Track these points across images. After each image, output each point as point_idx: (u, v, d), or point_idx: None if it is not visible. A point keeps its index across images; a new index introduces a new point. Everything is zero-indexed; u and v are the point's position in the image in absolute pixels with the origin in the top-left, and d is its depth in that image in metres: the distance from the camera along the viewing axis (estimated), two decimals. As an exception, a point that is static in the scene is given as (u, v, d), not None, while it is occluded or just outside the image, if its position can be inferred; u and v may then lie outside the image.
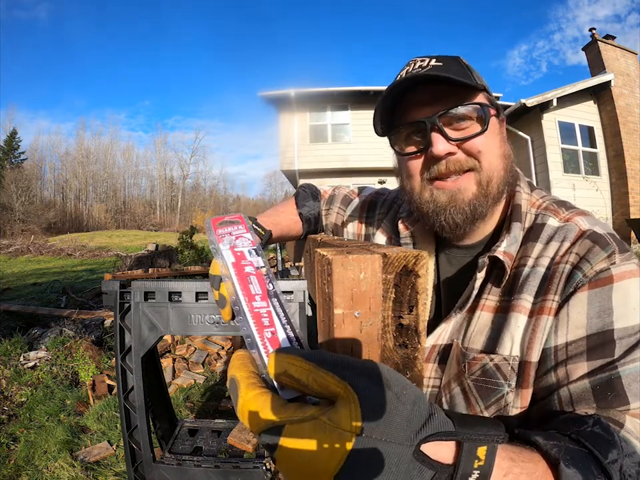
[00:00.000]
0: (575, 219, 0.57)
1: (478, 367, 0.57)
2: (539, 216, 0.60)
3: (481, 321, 0.58)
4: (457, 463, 0.28)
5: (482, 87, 0.57)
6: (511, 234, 0.57)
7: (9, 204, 32.18)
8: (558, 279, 0.53)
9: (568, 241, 0.55)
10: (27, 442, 2.25)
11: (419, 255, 0.32)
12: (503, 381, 0.55)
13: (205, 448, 1.11)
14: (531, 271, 0.56)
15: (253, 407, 0.27)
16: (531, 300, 0.55)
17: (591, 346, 0.50)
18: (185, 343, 3.59)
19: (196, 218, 43.51)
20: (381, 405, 0.26)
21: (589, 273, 0.52)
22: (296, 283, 0.84)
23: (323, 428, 0.25)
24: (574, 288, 0.52)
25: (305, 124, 12.12)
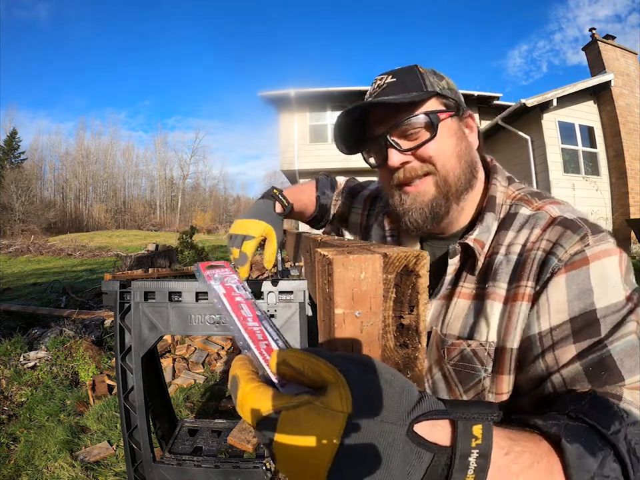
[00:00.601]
0: (546, 207, 0.60)
1: (456, 353, 0.59)
2: (512, 206, 0.63)
3: (458, 308, 0.61)
4: (453, 443, 0.28)
5: (432, 93, 0.62)
6: (484, 223, 0.61)
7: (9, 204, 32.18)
8: (530, 265, 0.55)
9: (538, 227, 0.57)
10: (27, 442, 2.25)
11: (420, 255, 0.32)
12: (479, 366, 0.57)
13: (205, 448, 1.11)
14: (504, 258, 0.58)
15: (252, 398, 0.28)
16: (505, 287, 0.57)
17: (575, 328, 0.50)
18: (184, 342, 3.59)
19: (196, 218, 43.54)
20: (370, 388, 0.27)
21: (564, 257, 0.53)
22: (296, 283, 0.84)
23: (317, 411, 0.26)
24: (550, 273, 0.53)
25: (304, 124, 12.12)
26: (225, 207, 62.04)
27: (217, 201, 61.23)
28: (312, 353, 0.29)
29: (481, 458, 0.28)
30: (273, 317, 0.83)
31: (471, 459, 0.28)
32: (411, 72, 0.63)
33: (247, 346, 0.34)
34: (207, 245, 12.61)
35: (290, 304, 0.84)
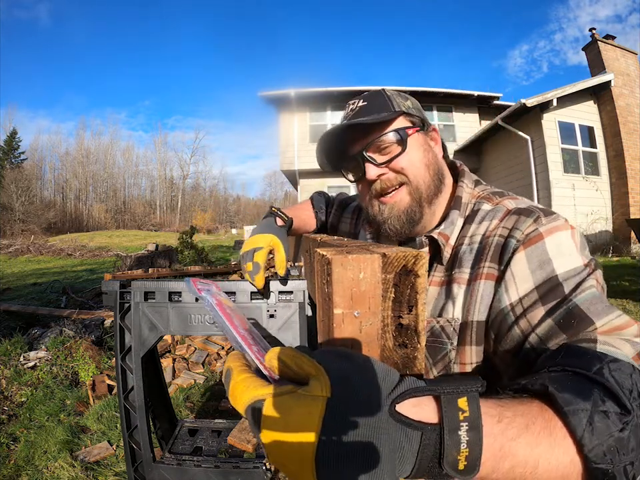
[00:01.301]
0: (504, 202, 0.67)
1: (428, 329, 0.65)
2: (476, 204, 0.70)
3: (430, 293, 0.68)
4: (440, 419, 0.28)
5: (399, 112, 0.69)
6: (448, 219, 0.68)
7: (9, 204, 32.16)
8: (488, 249, 0.62)
9: (497, 219, 0.64)
10: (27, 442, 2.25)
11: (419, 255, 0.32)
12: (446, 340, 0.64)
13: (205, 448, 1.11)
14: (467, 248, 0.65)
15: (242, 387, 0.30)
16: (468, 272, 0.63)
17: (542, 293, 0.54)
18: (184, 342, 3.58)
19: (196, 218, 43.52)
20: (348, 374, 0.28)
21: (520, 237, 0.59)
22: (296, 283, 0.84)
23: (298, 397, 0.27)
24: (511, 253, 0.58)
25: (304, 124, 12.12)
26: (224, 207, 62.01)
27: (217, 200, 61.20)
28: (298, 349, 0.31)
29: (471, 430, 0.28)
30: (272, 317, 0.84)
31: (461, 433, 0.28)
32: (378, 95, 0.72)
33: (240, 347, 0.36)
34: (206, 245, 12.61)
35: (290, 304, 0.84)
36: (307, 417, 0.27)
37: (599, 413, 0.34)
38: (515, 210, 0.64)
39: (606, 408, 0.35)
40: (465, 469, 0.28)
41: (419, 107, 0.75)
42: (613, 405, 0.36)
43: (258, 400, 0.28)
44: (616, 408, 0.35)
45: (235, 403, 0.30)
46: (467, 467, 0.28)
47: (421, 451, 0.28)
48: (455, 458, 0.28)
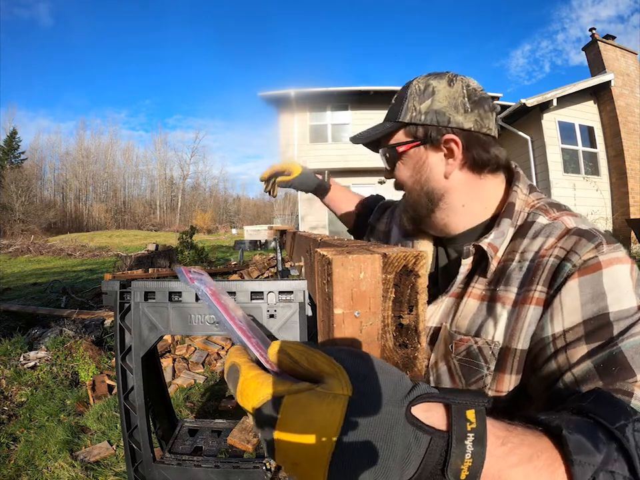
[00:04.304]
0: (563, 218, 0.61)
1: (464, 348, 0.62)
2: (530, 214, 0.64)
3: (468, 307, 0.63)
4: (449, 427, 0.28)
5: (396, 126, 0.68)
6: (500, 228, 0.63)
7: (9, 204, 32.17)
8: (541, 271, 0.56)
9: (553, 236, 0.58)
10: (27, 442, 2.25)
11: (419, 255, 0.32)
12: (483, 363, 0.59)
13: (205, 448, 1.11)
14: (517, 265, 0.60)
15: (254, 384, 0.28)
16: (515, 291, 0.58)
17: (588, 330, 0.51)
18: (184, 343, 3.58)
19: (196, 218, 43.53)
20: (367, 375, 0.28)
21: (578, 262, 0.54)
22: (296, 283, 0.84)
23: (318, 395, 0.27)
24: (564, 278, 0.54)
25: (305, 124, 12.12)
26: (224, 207, 62.02)
27: (217, 200, 61.21)
28: (308, 345, 0.30)
29: (477, 442, 0.28)
30: (272, 317, 0.84)
31: (467, 442, 0.28)
32: (402, 94, 0.69)
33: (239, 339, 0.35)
34: (207, 244, 12.61)
35: (290, 304, 0.84)
36: (330, 416, 0.26)
37: (607, 471, 0.33)
38: (575, 230, 0.58)
39: (615, 468, 0.33)
40: (466, 478, 0.28)
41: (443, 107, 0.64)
42: (624, 466, 0.34)
43: (274, 398, 0.27)
44: (625, 471, 0.33)
45: (244, 401, 0.29)
46: (467, 477, 0.28)
47: (427, 456, 0.28)
48: (458, 467, 0.28)
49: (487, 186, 0.68)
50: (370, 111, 11.60)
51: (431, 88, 0.66)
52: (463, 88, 0.65)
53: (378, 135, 0.70)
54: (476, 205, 0.68)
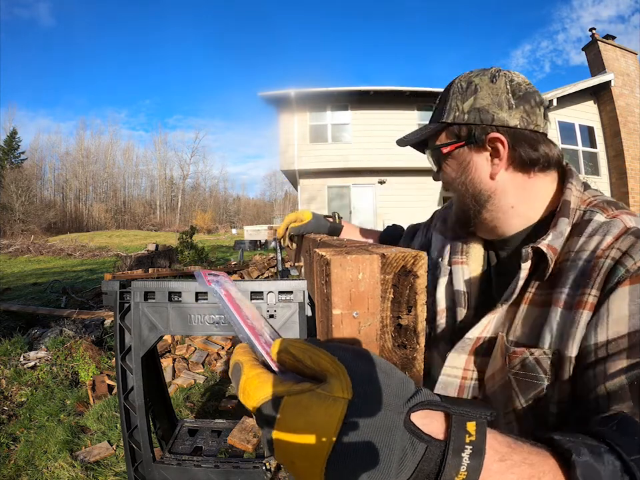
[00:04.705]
0: (622, 216, 0.57)
1: (518, 361, 0.57)
2: (586, 212, 0.60)
3: (525, 314, 0.60)
4: (447, 437, 0.28)
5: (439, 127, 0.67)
6: (557, 229, 0.58)
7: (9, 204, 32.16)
8: (597, 273, 0.52)
9: (611, 235, 0.54)
10: (27, 442, 2.25)
11: (418, 255, 0.32)
12: (542, 375, 0.55)
13: (205, 448, 1.11)
14: (572, 264, 0.56)
15: (255, 383, 0.29)
16: (569, 293, 0.55)
17: (632, 343, 0.48)
18: (184, 343, 3.58)
19: (196, 218, 43.52)
20: (369, 378, 0.28)
21: (632, 267, 0.50)
22: (296, 283, 0.84)
23: (318, 396, 0.27)
24: (615, 283, 0.50)
25: (305, 124, 12.12)
26: (224, 207, 62.03)
27: (217, 200, 61.21)
28: (312, 343, 0.30)
29: (474, 456, 0.28)
30: (272, 317, 0.84)
31: (464, 455, 0.28)
32: (445, 94, 0.68)
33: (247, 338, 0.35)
34: (207, 244, 12.62)
35: (290, 304, 0.84)
36: (327, 418, 0.26)
37: None
38: (634, 230, 0.54)
39: None
40: None
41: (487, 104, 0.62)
42: None
43: (274, 398, 0.27)
44: None
45: (245, 399, 0.29)
46: None
47: (421, 464, 0.27)
48: (452, 478, 0.27)
49: (537, 185, 0.65)
50: (370, 111, 11.59)
51: (473, 85, 0.64)
52: (506, 83, 0.62)
53: (422, 136, 0.69)
54: (526, 205, 0.65)
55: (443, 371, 0.66)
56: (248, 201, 68.63)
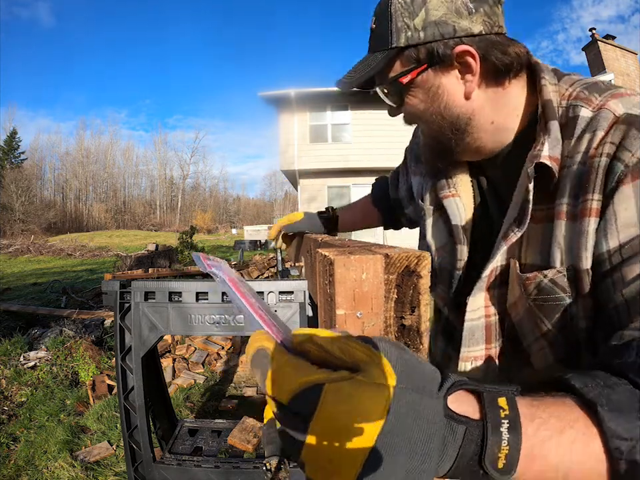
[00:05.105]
0: (608, 104, 0.51)
1: (534, 287, 0.54)
2: (569, 108, 0.54)
3: (532, 235, 0.55)
4: (483, 416, 0.28)
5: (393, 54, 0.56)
6: (552, 135, 0.52)
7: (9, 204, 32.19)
8: (594, 175, 0.48)
9: (601, 129, 0.49)
10: (27, 442, 2.25)
11: (421, 256, 0.32)
12: (562, 294, 0.52)
13: (205, 448, 1.11)
14: (567, 171, 0.51)
15: (289, 370, 0.26)
16: (570, 203, 0.51)
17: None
18: (184, 343, 3.58)
19: (196, 218, 43.56)
20: (406, 365, 0.27)
21: (630, 161, 0.46)
22: (296, 283, 0.84)
23: (361, 384, 0.25)
24: (616, 182, 0.46)
25: (305, 124, 12.12)
26: (224, 207, 62.07)
27: (217, 200, 61.25)
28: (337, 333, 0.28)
29: (512, 430, 0.28)
30: None
31: (502, 430, 0.28)
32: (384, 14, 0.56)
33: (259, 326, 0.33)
34: (207, 245, 12.62)
35: (290, 304, 0.84)
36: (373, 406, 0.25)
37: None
38: (624, 117, 0.49)
39: None
40: (504, 467, 0.28)
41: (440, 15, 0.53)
42: None
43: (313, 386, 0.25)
44: None
45: (276, 389, 0.27)
46: (505, 466, 0.28)
47: (463, 447, 0.27)
48: (495, 455, 0.27)
49: (512, 93, 0.58)
50: (370, 111, 11.59)
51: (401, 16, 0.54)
52: None
53: (372, 71, 0.58)
54: (506, 117, 0.59)
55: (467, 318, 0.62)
56: (248, 201, 68.69)
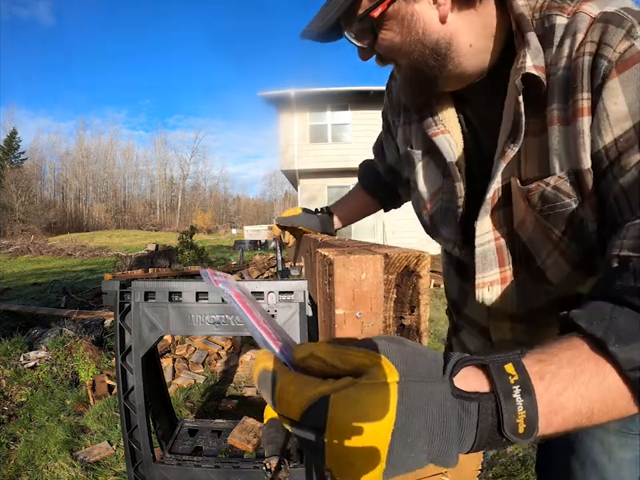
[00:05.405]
0: (583, 7, 0.51)
1: (537, 197, 0.54)
2: (544, 19, 0.54)
3: (529, 149, 0.55)
4: (492, 386, 0.28)
5: None
6: (532, 45, 0.52)
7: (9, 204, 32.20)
8: (580, 75, 0.48)
9: (580, 32, 0.49)
10: (27, 442, 2.25)
11: (421, 256, 0.32)
12: (567, 199, 0.52)
13: (205, 448, 1.11)
14: (553, 79, 0.52)
15: (293, 389, 0.27)
16: (561, 107, 0.51)
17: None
18: (184, 343, 3.58)
19: (196, 218, 43.59)
20: (406, 357, 0.27)
21: (613, 56, 0.46)
22: (296, 283, 0.84)
23: (366, 386, 0.26)
24: (602, 79, 0.47)
25: (305, 124, 12.12)
26: (224, 207, 62.09)
27: (217, 201, 61.27)
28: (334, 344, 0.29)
29: (524, 394, 0.28)
30: (273, 317, 0.84)
31: (515, 396, 0.27)
32: None
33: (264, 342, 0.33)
34: (206, 245, 12.62)
35: (290, 304, 0.84)
36: (382, 404, 0.25)
37: None
38: (600, 17, 0.48)
39: None
40: (525, 431, 0.28)
41: None
42: None
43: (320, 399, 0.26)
44: None
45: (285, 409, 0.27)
46: (526, 430, 0.28)
47: (480, 422, 0.27)
48: (514, 422, 0.27)
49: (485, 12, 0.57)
50: (370, 111, 11.59)
51: None
52: None
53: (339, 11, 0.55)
54: (483, 38, 0.58)
55: (477, 243, 0.62)
56: (248, 201, 68.71)
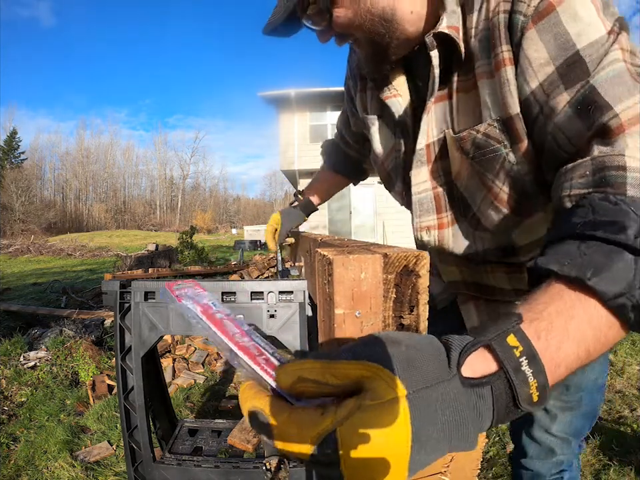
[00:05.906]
0: None
1: (470, 144, 0.58)
2: None
3: (460, 104, 0.60)
4: (500, 364, 0.28)
5: None
6: (447, 9, 0.56)
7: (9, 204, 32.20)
8: (498, 31, 0.52)
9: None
10: (27, 442, 2.25)
11: (420, 255, 0.32)
12: (497, 144, 0.56)
13: (205, 448, 1.11)
14: (476, 40, 0.56)
15: (293, 430, 0.24)
16: (484, 63, 0.55)
17: (562, 74, 0.48)
18: (184, 343, 3.58)
19: (196, 218, 43.60)
20: (407, 362, 0.26)
21: (528, 10, 0.49)
22: (296, 283, 0.84)
23: (372, 408, 0.23)
24: (520, 32, 0.50)
25: (305, 124, 12.12)
26: (224, 207, 62.09)
27: (217, 201, 61.27)
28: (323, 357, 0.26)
29: (531, 363, 0.28)
30: (273, 317, 0.84)
31: (524, 368, 0.27)
32: None
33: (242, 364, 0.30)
34: (207, 244, 12.62)
35: (290, 304, 0.84)
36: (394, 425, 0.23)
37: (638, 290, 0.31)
38: None
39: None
40: (539, 399, 0.28)
41: None
42: None
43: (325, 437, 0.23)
44: None
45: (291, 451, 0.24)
46: (540, 397, 0.28)
47: (495, 403, 0.27)
48: (528, 394, 0.27)
49: None
50: (370, 111, 11.58)
51: None
52: None
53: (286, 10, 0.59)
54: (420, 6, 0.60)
55: (413, 191, 0.66)
56: (248, 201, 68.70)
